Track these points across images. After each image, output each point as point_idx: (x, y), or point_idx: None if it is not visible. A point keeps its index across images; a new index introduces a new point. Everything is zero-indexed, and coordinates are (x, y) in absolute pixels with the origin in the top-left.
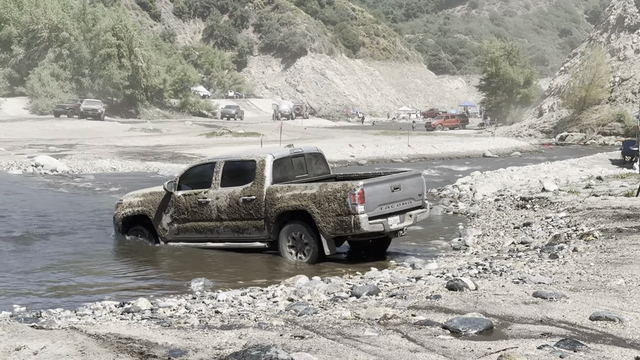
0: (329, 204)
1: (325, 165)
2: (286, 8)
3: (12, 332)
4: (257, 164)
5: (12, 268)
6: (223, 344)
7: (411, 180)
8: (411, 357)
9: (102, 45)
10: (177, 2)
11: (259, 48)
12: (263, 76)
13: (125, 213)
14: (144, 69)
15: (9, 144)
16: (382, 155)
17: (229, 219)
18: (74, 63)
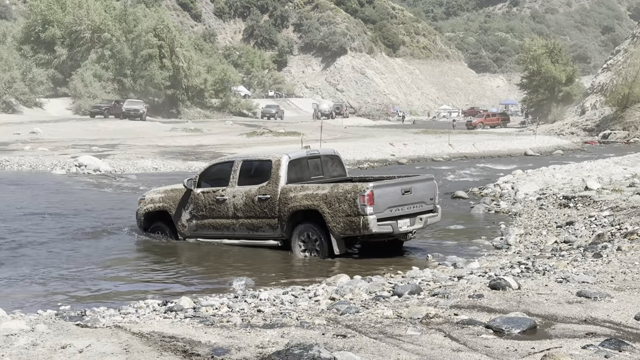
0: (340, 205)
1: (341, 167)
2: (326, 7)
3: (57, 331)
4: (273, 164)
5: (57, 266)
6: (265, 342)
7: (423, 185)
8: (454, 356)
9: (143, 46)
10: (218, 3)
11: (299, 47)
12: (303, 75)
13: (147, 209)
14: (185, 69)
15: (53, 144)
16: (422, 154)
17: (244, 216)
18: (115, 64)
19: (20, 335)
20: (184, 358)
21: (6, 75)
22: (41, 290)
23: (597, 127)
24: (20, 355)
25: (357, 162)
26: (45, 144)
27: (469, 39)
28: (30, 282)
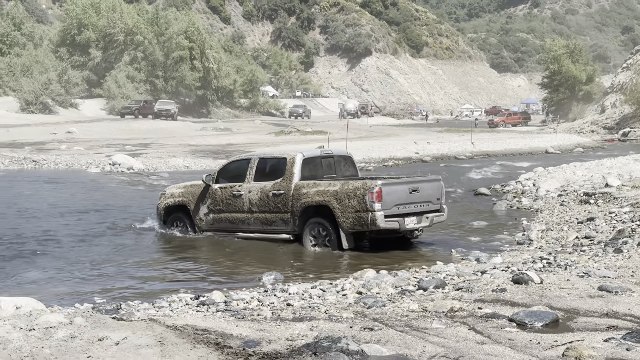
0: (349, 201)
1: (353, 167)
2: (351, 10)
3: (94, 323)
4: (288, 161)
5: (93, 262)
6: (295, 335)
7: (430, 185)
8: (478, 349)
9: (174, 48)
10: (247, 6)
11: (325, 49)
12: (329, 76)
13: (167, 203)
14: (215, 71)
15: (88, 143)
16: (446, 152)
17: (259, 211)
18: (148, 65)
19: (59, 328)
20: (216, 350)
21: (43, 77)
22: (78, 284)
23: (617, 125)
24: (59, 347)
25: (382, 160)
26: (81, 143)
27: (491, 39)
28: (68, 276)
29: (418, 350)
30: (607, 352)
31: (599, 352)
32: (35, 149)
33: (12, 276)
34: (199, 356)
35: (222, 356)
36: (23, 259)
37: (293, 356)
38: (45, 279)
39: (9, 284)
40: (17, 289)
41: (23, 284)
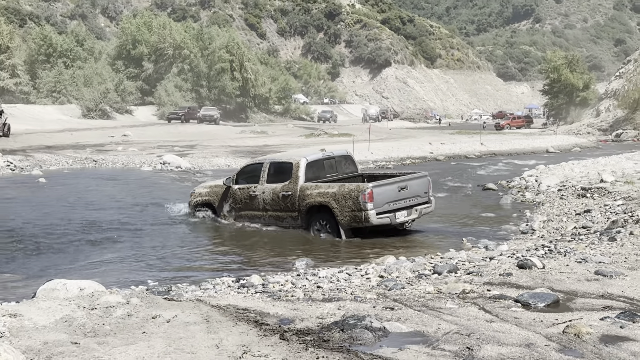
0: (346, 201)
1: (354, 165)
2: (373, 26)
3: (148, 303)
4: (294, 165)
5: (146, 248)
6: (325, 314)
7: (417, 181)
8: (487, 326)
9: (217, 61)
10: (280, 23)
11: (350, 61)
12: (353, 85)
13: (197, 201)
14: (252, 80)
15: (141, 145)
16: (457, 152)
17: (272, 209)
18: (193, 76)
19: (118, 307)
20: (255, 327)
21: (102, 87)
22: (134, 268)
23: (610, 127)
24: (117, 324)
25: (400, 159)
26: (135, 145)
27: (497, 51)
28: (125, 261)
29: (434, 327)
30: (602, 330)
31: (596, 329)
32: (95, 150)
33: (76, 261)
34: (240, 332)
35: (261, 332)
36: (86, 246)
37: (323, 332)
38: (106, 264)
39: (74, 268)
40: (81, 273)
41: (86, 268)
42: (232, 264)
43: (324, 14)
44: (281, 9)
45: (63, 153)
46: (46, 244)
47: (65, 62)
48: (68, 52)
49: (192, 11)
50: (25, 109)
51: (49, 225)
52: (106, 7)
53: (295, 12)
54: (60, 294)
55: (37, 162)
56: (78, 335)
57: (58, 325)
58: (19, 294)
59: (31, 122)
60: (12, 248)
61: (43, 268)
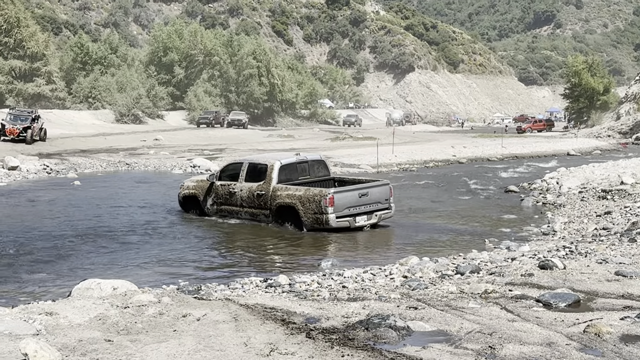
0: (310, 204)
1: (326, 169)
2: (397, 32)
3: (179, 302)
4: (268, 167)
5: (176, 248)
6: (350, 313)
7: (379, 189)
8: (509, 326)
9: (245, 67)
10: (306, 30)
11: (374, 66)
12: (377, 90)
13: (184, 193)
14: (279, 86)
15: (172, 148)
16: (479, 155)
17: (248, 206)
18: (222, 82)
19: (149, 306)
20: (282, 325)
21: (134, 92)
22: (165, 268)
23: (630, 130)
24: (149, 322)
25: (423, 162)
26: (166, 149)
27: (519, 56)
28: (155, 261)
29: (457, 327)
30: (623, 329)
31: (616, 329)
32: (128, 154)
33: (109, 261)
34: (268, 330)
35: (288, 331)
36: (118, 246)
37: (348, 331)
38: (137, 264)
39: (107, 268)
40: (114, 272)
41: (118, 268)
42: (258, 263)
43: (349, 21)
44: (307, 16)
45: (97, 157)
46: (80, 244)
47: (99, 69)
48: (102, 60)
49: (222, 19)
50: (61, 114)
51: (83, 227)
52: (138, 16)
53: (321, 19)
54: (95, 293)
55: (72, 166)
56: (111, 333)
57: (92, 323)
58: (54, 293)
59: (66, 127)
60: (48, 248)
61: (77, 268)
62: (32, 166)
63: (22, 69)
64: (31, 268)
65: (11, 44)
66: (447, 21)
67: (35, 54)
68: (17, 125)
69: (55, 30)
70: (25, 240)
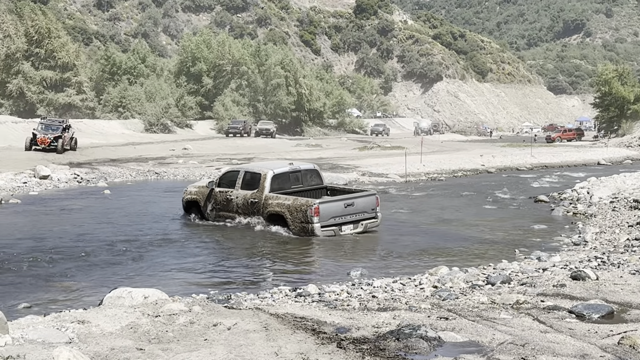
0: (297, 213)
1: (319, 178)
2: (425, 41)
3: (210, 311)
4: (262, 176)
5: (204, 257)
6: (380, 323)
7: (364, 199)
8: (542, 337)
9: (273, 77)
10: (334, 39)
11: (402, 75)
12: (405, 99)
13: (187, 198)
14: (307, 95)
15: (201, 158)
16: (508, 164)
17: (242, 213)
18: (250, 91)
19: (180, 315)
20: (313, 335)
21: (163, 102)
22: (193, 277)
23: None
24: (180, 331)
25: (452, 172)
26: (195, 158)
27: (548, 65)
28: (184, 270)
29: (488, 337)
30: None
31: None
32: (157, 163)
33: (138, 269)
34: (298, 340)
35: (318, 340)
36: (147, 255)
37: (379, 341)
38: (166, 272)
39: (136, 276)
40: (143, 281)
41: (148, 276)
42: (286, 273)
43: (377, 30)
44: (335, 26)
45: (127, 166)
46: (110, 253)
47: (128, 79)
48: (131, 70)
49: (250, 29)
50: (91, 123)
51: (113, 235)
52: (168, 26)
53: (348, 29)
54: (126, 302)
55: (103, 175)
56: (143, 341)
57: (124, 332)
58: (85, 301)
59: (96, 136)
60: (78, 257)
61: (107, 276)
62: (63, 175)
63: (53, 79)
64: (62, 276)
65: (42, 54)
66: (476, 30)
67: (66, 64)
68: (48, 134)
69: (86, 41)
70: (55, 248)
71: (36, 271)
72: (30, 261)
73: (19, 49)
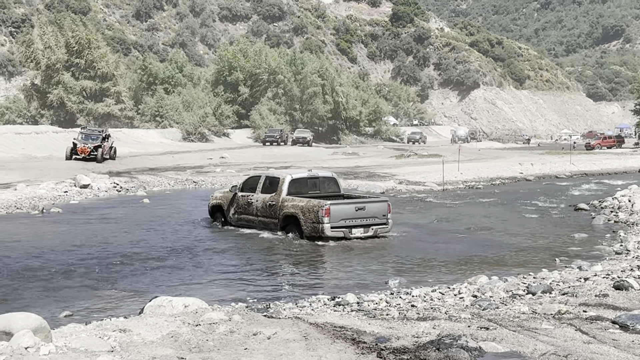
0: (309, 214)
1: (336, 185)
2: (461, 49)
3: (249, 320)
4: (280, 180)
5: (242, 266)
6: (420, 332)
7: (376, 205)
8: (585, 348)
9: (309, 85)
10: (370, 47)
11: (439, 83)
12: (442, 106)
13: (213, 203)
14: (344, 104)
15: (238, 166)
16: (547, 172)
17: (261, 215)
18: (287, 100)
19: (220, 324)
20: (352, 345)
21: (201, 111)
22: (231, 286)
23: None
24: (221, 340)
25: (490, 179)
26: (232, 167)
27: (587, 72)
28: (222, 279)
29: (530, 348)
30: None
31: None
32: (195, 172)
33: (179, 278)
34: (338, 350)
35: (358, 350)
36: (185, 264)
37: (419, 351)
38: (204, 281)
39: (175, 285)
40: (182, 290)
41: (186, 285)
42: (324, 281)
43: (413, 38)
44: (371, 34)
45: (165, 175)
46: (148, 261)
47: (166, 89)
48: (169, 79)
49: (286, 37)
50: (130, 132)
51: (151, 244)
52: (205, 36)
53: (385, 37)
54: (166, 311)
55: (141, 184)
56: (184, 350)
57: (165, 341)
58: (126, 310)
59: (135, 146)
60: (118, 265)
61: (146, 285)
62: (103, 184)
63: (92, 89)
64: (102, 284)
65: (82, 65)
66: (513, 37)
67: (105, 74)
68: (88, 144)
69: (125, 51)
70: (95, 257)
71: (76, 279)
72: (70, 269)
73: (60, 60)
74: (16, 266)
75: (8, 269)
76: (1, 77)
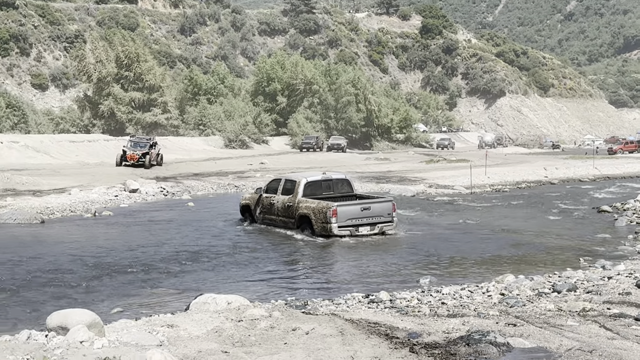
0: (319, 214)
1: (349, 187)
2: (488, 59)
3: (288, 316)
4: (296, 183)
5: (279, 264)
6: (450, 329)
7: (381, 204)
8: (609, 343)
9: (343, 94)
10: (401, 58)
11: (466, 92)
12: (470, 114)
13: (242, 203)
14: (376, 112)
15: (277, 171)
16: (571, 176)
17: (282, 215)
18: (322, 109)
19: (261, 320)
20: (386, 340)
21: (241, 120)
22: (270, 284)
23: None
24: (262, 335)
25: (516, 183)
26: (271, 172)
27: (609, 80)
28: (262, 277)
29: (556, 344)
30: None
31: None
32: (236, 177)
33: (222, 277)
34: (372, 345)
35: (391, 345)
36: (227, 263)
37: (450, 346)
38: (245, 280)
39: (218, 283)
40: (226, 288)
41: (228, 283)
42: (357, 280)
43: (442, 49)
44: (402, 46)
45: (208, 180)
46: (193, 260)
47: (209, 99)
48: (212, 90)
49: (322, 50)
50: (175, 140)
51: (195, 245)
52: (245, 49)
53: (415, 48)
54: (211, 307)
55: (186, 188)
56: (227, 344)
57: (210, 336)
58: (172, 307)
59: (180, 152)
60: (164, 265)
61: (191, 283)
62: (151, 189)
63: (140, 100)
64: (150, 282)
65: (131, 77)
66: (537, 47)
67: (152, 86)
68: (137, 151)
69: (170, 64)
70: (144, 257)
71: (126, 277)
72: (120, 268)
73: (110, 73)
74: (71, 265)
75: (64, 268)
76: (56, 89)
